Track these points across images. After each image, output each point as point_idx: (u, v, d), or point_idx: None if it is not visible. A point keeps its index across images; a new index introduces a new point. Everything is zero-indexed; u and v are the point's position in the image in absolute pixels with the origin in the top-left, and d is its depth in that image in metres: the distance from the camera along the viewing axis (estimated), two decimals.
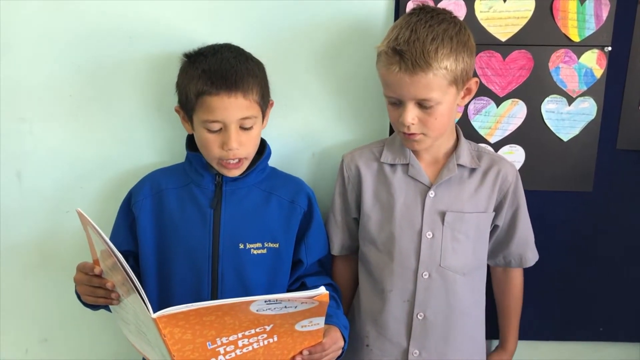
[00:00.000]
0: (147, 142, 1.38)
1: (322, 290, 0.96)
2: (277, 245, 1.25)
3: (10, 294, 1.46)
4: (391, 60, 1.11)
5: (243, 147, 1.19)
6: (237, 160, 1.20)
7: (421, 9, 1.15)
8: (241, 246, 1.24)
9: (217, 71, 1.16)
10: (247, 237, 1.24)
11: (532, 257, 1.32)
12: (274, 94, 1.28)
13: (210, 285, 1.24)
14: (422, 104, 1.13)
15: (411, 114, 1.13)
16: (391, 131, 1.36)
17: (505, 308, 1.37)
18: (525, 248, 1.30)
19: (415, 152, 1.24)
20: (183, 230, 1.24)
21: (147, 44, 1.32)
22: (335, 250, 1.33)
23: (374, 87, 1.34)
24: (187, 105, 1.19)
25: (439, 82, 1.11)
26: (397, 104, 1.15)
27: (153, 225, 1.26)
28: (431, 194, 1.22)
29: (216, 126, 1.17)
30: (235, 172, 1.23)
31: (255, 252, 1.24)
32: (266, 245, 1.25)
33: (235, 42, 1.25)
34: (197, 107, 1.17)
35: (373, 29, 1.32)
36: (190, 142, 1.28)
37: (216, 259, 1.23)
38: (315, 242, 1.30)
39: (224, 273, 1.24)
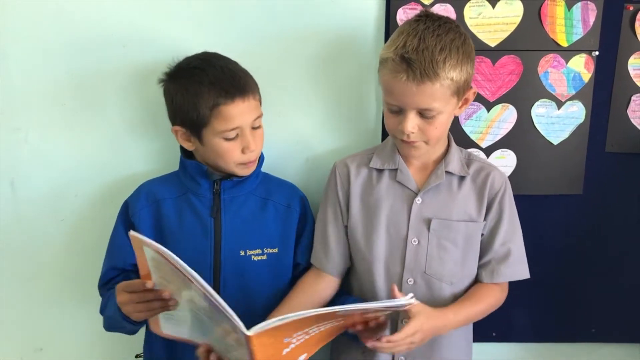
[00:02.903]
0: (140, 150, 1.39)
1: (412, 300, 1.01)
2: (276, 251, 1.27)
3: (5, 302, 1.46)
4: (398, 68, 1.09)
5: (258, 147, 1.23)
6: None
7: (427, 17, 1.14)
8: (242, 253, 1.25)
9: (224, 80, 1.17)
10: (247, 244, 1.25)
11: (505, 273, 1.23)
12: (268, 102, 1.30)
13: None
14: (423, 113, 1.12)
15: (412, 123, 1.13)
16: (383, 138, 1.37)
17: (466, 296, 1.24)
18: (501, 262, 1.23)
19: (405, 158, 1.24)
20: (183, 240, 1.24)
21: (141, 52, 1.33)
22: (314, 259, 1.28)
23: (367, 93, 1.36)
24: (198, 122, 1.17)
25: (443, 92, 1.10)
26: (398, 111, 1.14)
27: (153, 235, 1.25)
28: (418, 200, 1.22)
29: (234, 134, 1.18)
30: (253, 168, 1.25)
31: (255, 258, 1.25)
32: (266, 251, 1.26)
33: (228, 50, 1.26)
34: (212, 119, 1.16)
35: (364, 37, 1.34)
36: (185, 150, 1.28)
37: (218, 267, 1.24)
38: (309, 244, 1.31)
39: (226, 281, 1.24)
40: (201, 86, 1.16)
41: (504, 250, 1.23)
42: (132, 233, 0.99)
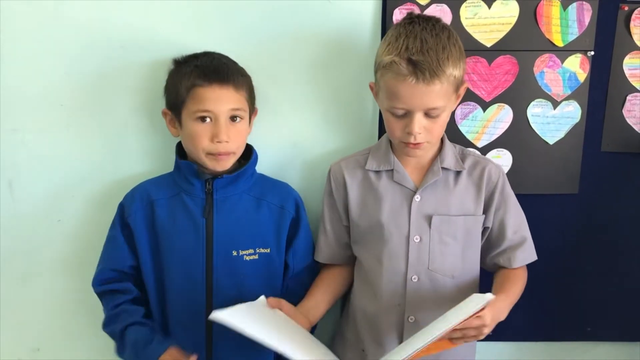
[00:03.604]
0: (138, 150, 1.39)
1: (489, 296, 1.03)
2: (268, 251, 1.27)
3: (2, 302, 1.46)
4: (405, 71, 1.10)
5: (232, 141, 1.21)
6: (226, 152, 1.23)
7: (418, 17, 1.15)
8: (234, 253, 1.25)
9: (209, 66, 1.21)
10: (240, 243, 1.25)
11: (521, 258, 1.28)
12: (265, 103, 1.30)
13: (205, 293, 1.25)
14: (429, 113, 1.14)
15: (419, 124, 1.14)
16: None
17: (498, 282, 1.27)
18: (516, 248, 1.27)
19: (400, 158, 1.25)
20: (176, 240, 1.25)
21: (139, 53, 1.33)
22: (322, 257, 1.33)
23: (364, 94, 1.36)
24: (177, 101, 1.21)
25: (447, 90, 1.13)
26: (403, 115, 1.15)
27: (147, 236, 1.27)
28: (417, 198, 1.23)
29: (205, 115, 1.19)
30: (225, 165, 1.24)
31: (247, 258, 1.26)
32: (258, 250, 1.27)
33: (226, 50, 1.27)
34: (188, 99, 1.19)
35: (361, 37, 1.34)
36: (180, 150, 1.29)
37: (210, 267, 1.24)
38: (302, 248, 1.32)
39: (218, 281, 1.25)
40: (187, 68, 1.21)
41: (518, 237, 1.27)
42: (213, 317, 1.03)
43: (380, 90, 1.18)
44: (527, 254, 1.30)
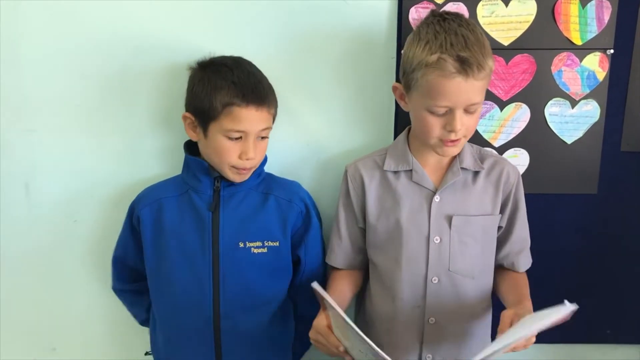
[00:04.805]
0: (154, 152, 1.39)
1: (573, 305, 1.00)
2: (277, 244, 1.27)
3: (19, 302, 1.47)
4: (452, 68, 1.08)
5: (257, 157, 1.23)
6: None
7: (447, 14, 1.14)
8: (241, 245, 1.25)
9: (247, 85, 1.19)
10: (247, 236, 1.26)
11: (524, 263, 1.29)
12: (280, 102, 1.30)
13: (211, 287, 1.25)
14: (467, 109, 1.12)
15: (461, 121, 1.12)
16: (396, 138, 1.36)
17: (511, 285, 1.27)
18: (519, 253, 1.28)
19: (419, 158, 1.24)
20: (183, 236, 1.26)
21: (155, 55, 1.33)
22: (336, 262, 1.31)
23: (379, 93, 1.35)
24: (208, 113, 1.20)
25: (485, 84, 1.13)
26: (443, 113, 1.13)
27: (154, 235, 1.27)
28: (437, 198, 1.22)
29: (237, 135, 1.20)
30: (245, 177, 1.25)
31: (255, 251, 1.26)
32: (266, 244, 1.27)
33: (243, 51, 1.27)
34: (222, 116, 1.18)
35: (377, 36, 1.33)
36: (189, 147, 1.30)
37: (217, 261, 1.25)
38: (315, 244, 1.32)
39: (225, 275, 1.25)
40: (223, 82, 1.19)
41: (521, 241, 1.27)
42: (314, 285, 1.01)
43: (417, 90, 1.14)
44: (529, 259, 1.31)
